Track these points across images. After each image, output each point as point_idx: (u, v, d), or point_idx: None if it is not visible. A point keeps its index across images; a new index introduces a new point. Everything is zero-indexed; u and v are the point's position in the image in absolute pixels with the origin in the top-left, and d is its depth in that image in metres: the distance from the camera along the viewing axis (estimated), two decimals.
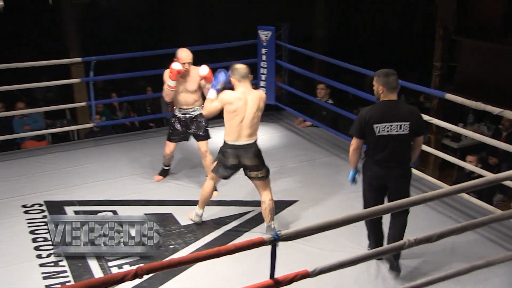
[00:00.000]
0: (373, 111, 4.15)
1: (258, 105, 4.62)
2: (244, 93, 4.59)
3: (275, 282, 2.96)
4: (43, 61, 6.95)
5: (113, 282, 2.88)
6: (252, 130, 4.65)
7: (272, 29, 7.54)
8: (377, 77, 4.20)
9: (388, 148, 4.12)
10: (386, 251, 3.34)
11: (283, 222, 5.00)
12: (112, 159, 6.46)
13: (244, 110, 4.56)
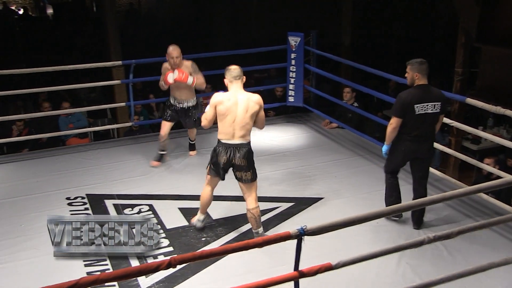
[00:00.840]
0: (413, 94, 4.57)
1: (248, 106, 4.42)
2: (234, 94, 4.45)
3: (299, 274, 2.97)
4: (86, 64, 7.06)
5: (149, 270, 2.92)
6: (245, 131, 4.46)
7: (301, 35, 7.54)
8: (411, 65, 4.60)
9: (424, 125, 4.59)
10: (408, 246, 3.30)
11: (309, 218, 4.99)
12: (149, 156, 6.51)
13: (235, 110, 4.40)
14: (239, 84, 4.50)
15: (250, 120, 4.46)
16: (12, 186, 5.83)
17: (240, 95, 4.46)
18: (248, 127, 4.47)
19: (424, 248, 3.28)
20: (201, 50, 10.98)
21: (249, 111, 4.43)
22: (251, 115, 4.44)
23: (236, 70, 4.51)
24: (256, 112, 4.46)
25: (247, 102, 4.42)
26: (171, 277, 4.10)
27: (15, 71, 7.20)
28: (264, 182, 5.77)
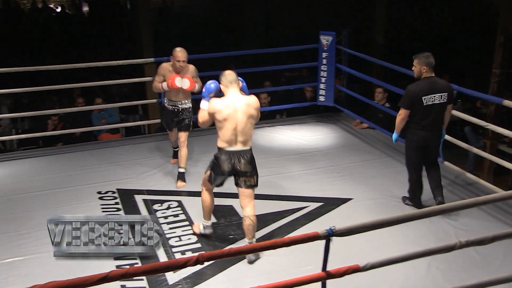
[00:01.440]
0: (421, 86, 4.85)
1: (248, 112, 4.27)
2: (232, 100, 4.27)
3: (327, 275, 2.94)
4: (119, 60, 7.14)
5: (177, 266, 2.92)
6: (246, 137, 4.31)
7: (333, 34, 7.48)
8: (418, 59, 4.89)
9: (432, 115, 4.88)
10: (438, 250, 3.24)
11: (337, 218, 4.95)
12: None
13: (235, 117, 4.23)
14: (235, 89, 4.33)
15: (251, 126, 4.35)
16: (46, 179, 5.93)
17: (238, 100, 4.29)
18: (250, 132, 4.35)
19: (455, 252, 3.21)
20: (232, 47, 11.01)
21: (249, 117, 4.30)
22: (252, 120, 4.34)
23: (231, 74, 4.35)
24: (255, 116, 4.36)
25: (246, 108, 4.28)
26: (198, 274, 4.12)
27: (51, 67, 7.34)
28: (292, 181, 5.76)
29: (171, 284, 4.01)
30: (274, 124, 7.76)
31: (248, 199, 4.43)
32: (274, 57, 10.82)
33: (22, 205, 5.32)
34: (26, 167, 6.35)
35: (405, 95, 4.93)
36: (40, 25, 16.05)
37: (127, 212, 5.13)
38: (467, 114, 6.04)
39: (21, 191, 5.63)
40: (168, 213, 5.12)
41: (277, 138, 7.19)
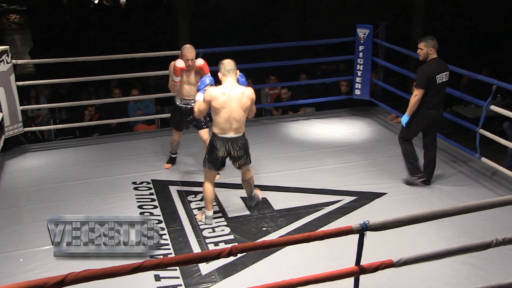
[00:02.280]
0: (433, 67, 5.16)
1: (242, 100, 4.45)
2: (228, 88, 4.45)
3: (360, 269, 2.94)
4: (156, 52, 7.21)
5: (210, 257, 2.96)
6: (240, 124, 4.51)
7: (370, 27, 7.41)
8: (425, 42, 5.20)
9: (441, 93, 5.24)
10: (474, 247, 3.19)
11: (371, 213, 4.93)
12: None
13: (230, 104, 4.42)
14: (232, 78, 4.49)
15: (245, 114, 4.53)
16: (82, 169, 6.06)
17: (234, 89, 4.47)
18: (243, 120, 4.54)
19: (491, 249, 3.16)
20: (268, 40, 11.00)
21: (243, 106, 4.47)
22: (245, 109, 4.50)
23: (230, 63, 4.49)
24: (249, 106, 4.52)
25: (241, 97, 4.45)
26: (231, 265, 4.16)
27: (89, 58, 7.46)
28: (327, 175, 5.75)
29: (204, 275, 4.06)
30: (309, 118, 7.75)
31: (246, 171, 4.82)
32: (311, 50, 10.78)
33: (58, 194, 5.45)
34: (63, 156, 6.49)
35: (420, 76, 5.15)
36: (78, 16, 16.32)
37: (161, 203, 5.21)
38: (506, 109, 5.91)
39: (58, 180, 5.77)
40: (202, 204, 5.15)
41: (312, 131, 7.18)
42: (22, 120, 6.54)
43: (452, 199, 5.19)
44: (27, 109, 7.60)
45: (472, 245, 3.13)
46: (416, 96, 5.17)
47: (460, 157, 6.20)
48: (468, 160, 6.09)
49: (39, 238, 4.59)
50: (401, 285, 3.89)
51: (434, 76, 5.12)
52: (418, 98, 5.16)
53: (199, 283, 3.97)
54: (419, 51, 5.26)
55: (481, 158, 5.76)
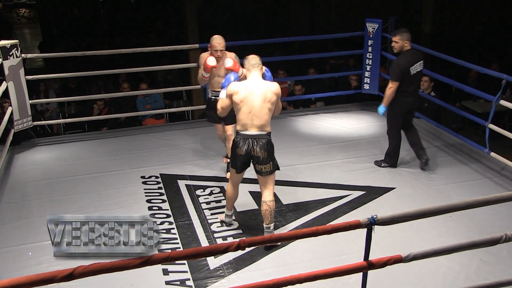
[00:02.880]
0: (407, 59, 5.43)
1: (265, 96, 4.19)
2: (251, 83, 4.24)
3: (368, 264, 2.93)
4: (165, 46, 7.22)
5: (218, 251, 2.96)
6: (263, 122, 4.21)
7: (379, 21, 7.37)
8: (400, 35, 5.45)
9: (416, 82, 5.54)
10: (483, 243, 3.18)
11: (379, 207, 4.92)
12: None
13: (251, 100, 4.17)
14: (257, 72, 4.29)
15: (269, 111, 4.24)
16: (91, 163, 6.08)
17: (257, 84, 4.24)
18: (267, 117, 4.24)
19: (500, 245, 3.15)
20: (277, 34, 10.98)
21: (266, 101, 4.21)
22: (270, 105, 4.23)
23: (254, 58, 4.33)
24: (274, 102, 4.26)
25: (265, 92, 4.21)
26: (239, 259, 4.17)
27: (98, 52, 7.47)
28: (335, 169, 5.74)
29: (212, 269, 4.06)
30: (317, 112, 7.73)
31: (265, 184, 4.36)
32: (320, 44, 10.75)
33: (68, 187, 5.47)
34: (72, 150, 6.52)
35: (395, 68, 5.42)
36: (87, 10, 16.35)
37: (170, 197, 5.22)
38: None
39: (67, 174, 5.79)
40: (211, 199, 5.18)
41: (321, 125, 7.17)
42: (31, 114, 6.57)
43: (461, 194, 5.17)
44: (36, 103, 7.64)
45: (481, 240, 3.12)
46: (391, 88, 5.44)
47: (469, 152, 6.17)
48: (477, 155, 6.06)
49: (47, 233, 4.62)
50: (409, 280, 3.88)
51: (408, 68, 5.39)
52: (393, 90, 5.43)
53: (207, 277, 3.97)
54: (394, 44, 5.50)
55: (490, 153, 5.74)
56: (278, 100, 4.32)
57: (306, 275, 2.89)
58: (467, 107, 8.07)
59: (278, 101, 4.33)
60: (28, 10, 23.80)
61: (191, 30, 8.67)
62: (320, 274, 2.92)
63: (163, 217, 4.85)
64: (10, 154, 6.30)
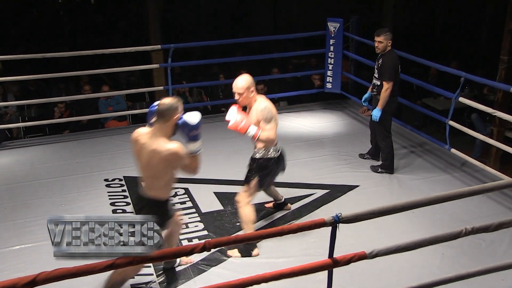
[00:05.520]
0: (396, 58, 5.44)
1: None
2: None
3: (333, 262, 2.95)
4: (126, 48, 7.13)
5: (184, 253, 2.94)
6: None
7: (341, 21, 7.43)
8: (385, 35, 5.39)
9: (398, 81, 5.52)
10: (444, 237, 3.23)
11: (344, 205, 4.96)
12: None
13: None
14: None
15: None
16: (53, 167, 5.96)
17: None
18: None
19: (461, 239, 3.21)
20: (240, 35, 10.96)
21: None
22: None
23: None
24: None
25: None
26: (205, 261, 4.16)
27: (58, 54, 7.33)
28: (299, 168, 5.76)
29: (178, 271, 4.03)
30: (281, 111, 7.70)
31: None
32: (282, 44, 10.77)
33: (30, 192, 5.36)
34: (33, 154, 6.38)
35: (390, 69, 5.34)
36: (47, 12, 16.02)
37: (134, 200, 5.15)
38: (474, 101, 6.02)
39: (29, 178, 5.67)
40: (175, 200, 5.13)
41: (284, 125, 7.18)
42: None
43: (423, 190, 5.26)
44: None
45: (443, 235, 3.17)
46: (388, 89, 5.32)
47: (430, 148, 6.29)
48: (438, 152, 6.18)
49: (10, 238, 4.51)
50: (374, 276, 3.93)
51: (398, 66, 5.42)
52: (390, 90, 5.33)
53: (174, 280, 3.94)
54: (378, 44, 5.43)
55: (450, 149, 5.85)
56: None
57: (272, 274, 2.89)
58: (428, 105, 8.21)
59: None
60: None
61: (153, 31, 8.56)
62: (286, 273, 2.93)
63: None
64: None
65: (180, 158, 3.32)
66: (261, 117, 4.08)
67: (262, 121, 4.08)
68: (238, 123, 4.09)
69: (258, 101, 4.13)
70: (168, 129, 3.38)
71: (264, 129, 4.08)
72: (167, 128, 3.38)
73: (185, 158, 3.37)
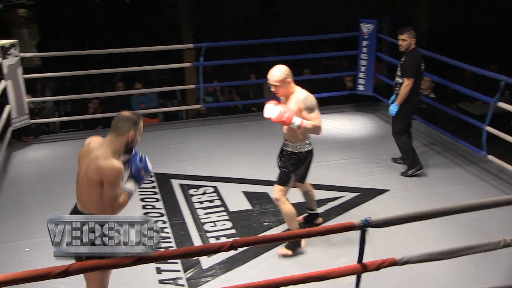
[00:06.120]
0: (419, 56, 5.43)
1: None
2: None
3: (362, 267, 2.87)
4: (159, 46, 7.16)
5: (211, 251, 2.92)
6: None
7: (374, 22, 7.32)
8: (408, 33, 5.37)
9: (421, 79, 5.57)
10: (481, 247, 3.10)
11: (373, 209, 4.86)
12: (216, 138, 6.56)
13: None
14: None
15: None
16: None
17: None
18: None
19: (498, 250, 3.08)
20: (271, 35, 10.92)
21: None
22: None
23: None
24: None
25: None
26: (231, 259, 4.11)
27: (93, 52, 7.42)
28: (329, 170, 5.68)
29: (204, 269, 4.01)
30: None
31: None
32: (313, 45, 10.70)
33: (63, 185, 5.39)
34: (68, 148, 6.44)
35: (411, 66, 5.33)
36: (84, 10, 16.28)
37: (163, 196, 5.16)
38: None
39: (62, 172, 5.71)
40: (204, 198, 5.12)
41: None
42: (28, 112, 6.56)
43: (456, 197, 5.10)
44: (33, 101, 7.58)
45: (479, 244, 3.05)
46: (408, 86, 5.32)
47: (465, 154, 6.11)
48: (473, 158, 5.99)
49: (45, 228, 4.53)
50: (403, 284, 3.81)
51: (420, 64, 5.41)
52: (410, 87, 5.32)
53: (200, 277, 3.92)
54: (402, 42, 5.42)
55: (487, 156, 5.67)
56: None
57: (299, 277, 2.83)
58: (464, 109, 8.01)
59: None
60: (27, 10, 23.75)
61: (185, 31, 8.61)
62: (313, 276, 2.86)
63: (157, 216, 4.80)
64: (7, 152, 6.26)
65: (115, 180, 2.98)
66: (302, 107, 3.92)
67: (304, 111, 3.92)
68: (282, 114, 3.88)
69: (297, 91, 4.00)
70: (119, 145, 3.07)
71: (308, 118, 3.93)
72: (119, 143, 3.06)
73: (118, 186, 3.03)
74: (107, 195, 3.00)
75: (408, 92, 5.32)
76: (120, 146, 3.07)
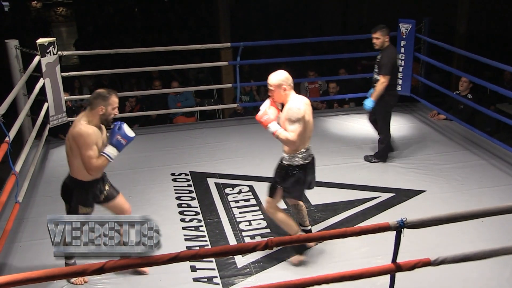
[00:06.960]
0: (394, 53, 5.61)
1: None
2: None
3: (396, 267, 2.91)
4: (197, 45, 7.25)
5: (246, 250, 2.98)
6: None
7: (413, 22, 7.27)
8: (381, 31, 5.53)
9: (396, 75, 5.78)
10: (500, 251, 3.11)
11: (409, 210, 4.86)
12: (252, 138, 6.61)
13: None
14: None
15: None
16: (122, 160, 6.09)
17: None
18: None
19: None
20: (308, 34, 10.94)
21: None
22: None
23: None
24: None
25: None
26: (266, 258, 4.16)
27: (131, 50, 7.58)
28: (365, 171, 5.70)
29: (239, 267, 4.07)
30: (348, 113, 7.68)
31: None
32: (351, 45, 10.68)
33: None
34: None
35: (387, 63, 5.47)
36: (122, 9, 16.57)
37: (199, 195, 5.25)
38: None
39: None
40: (239, 198, 5.19)
41: (352, 126, 7.12)
42: (66, 110, 6.70)
43: (493, 199, 5.06)
44: (71, 99, 7.77)
45: (500, 249, 3.05)
46: (384, 83, 5.49)
47: (503, 156, 6.04)
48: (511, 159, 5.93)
49: None
50: (437, 284, 3.82)
51: (396, 60, 5.64)
52: (386, 84, 5.49)
53: (235, 275, 3.98)
54: (376, 41, 5.56)
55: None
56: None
57: (334, 276, 2.88)
58: (503, 110, 7.89)
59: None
60: (65, 9, 24.28)
61: (223, 29, 8.68)
62: (347, 275, 2.91)
63: (192, 214, 4.89)
64: (45, 149, 6.42)
65: (83, 142, 3.55)
66: (286, 116, 3.83)
67: (286, 121, 3.82)
68: (262, 116, 3.90)
69: (291, 100, 3.91)
70: (92, 117, 3.67)
71: (287, 129, 3.82)
72: (91, 116, 3.66)
73: (90, 148, 3.58)
74: (82, 157, 3.59)
75: (385, 88, 5.49)
76: (92, 118, 3.67)
